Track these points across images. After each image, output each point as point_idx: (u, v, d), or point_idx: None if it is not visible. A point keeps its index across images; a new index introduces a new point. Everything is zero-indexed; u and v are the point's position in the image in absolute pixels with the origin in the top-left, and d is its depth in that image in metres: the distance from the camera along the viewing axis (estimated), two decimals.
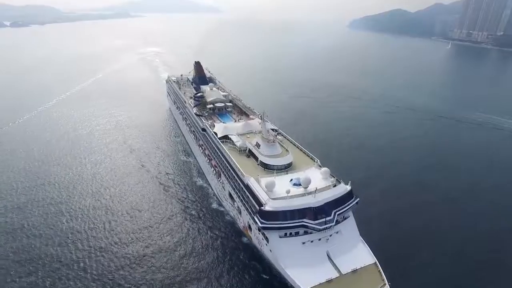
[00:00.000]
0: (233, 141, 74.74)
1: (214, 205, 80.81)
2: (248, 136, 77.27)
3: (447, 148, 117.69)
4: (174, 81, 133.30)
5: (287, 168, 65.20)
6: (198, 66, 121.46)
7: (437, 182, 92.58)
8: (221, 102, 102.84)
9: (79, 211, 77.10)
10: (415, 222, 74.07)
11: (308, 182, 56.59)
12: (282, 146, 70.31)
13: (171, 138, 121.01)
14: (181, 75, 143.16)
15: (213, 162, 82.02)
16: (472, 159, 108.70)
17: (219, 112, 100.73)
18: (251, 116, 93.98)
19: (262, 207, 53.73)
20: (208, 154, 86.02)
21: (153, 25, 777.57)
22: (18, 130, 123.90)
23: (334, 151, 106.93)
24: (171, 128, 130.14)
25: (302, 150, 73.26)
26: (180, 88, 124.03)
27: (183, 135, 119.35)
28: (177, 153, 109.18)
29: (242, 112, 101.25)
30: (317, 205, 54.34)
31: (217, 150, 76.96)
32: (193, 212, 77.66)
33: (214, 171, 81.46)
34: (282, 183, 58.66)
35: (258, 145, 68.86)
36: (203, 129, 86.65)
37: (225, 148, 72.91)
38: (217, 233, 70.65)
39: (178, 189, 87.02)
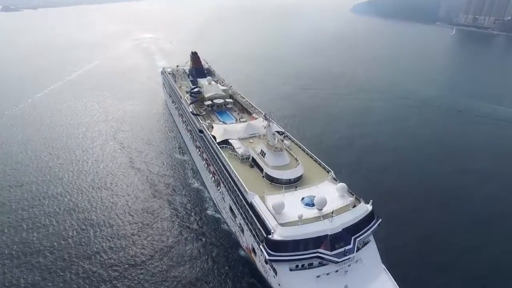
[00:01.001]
0: (234, 147, 65.85)
1: (210, 211, 73.95)
2: (251, 141, 68.29)
3: (477, 150, 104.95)
4: (169, 73, 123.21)
5: (296, 181, 56.54)
6: (195, 57, 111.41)
7: (470, 193, 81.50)
8: (220, 98, 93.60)
9: (54, 216, 70.43)
10: (443, 241, 65.64)
11: (323, 203, 48.08)
12: (290, 154, 61.61)
13: (165, 134, 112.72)
14: (177, 66, 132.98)
15: (212, 169, 73.44)
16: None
17: (218, 110, 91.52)
18: (253, 115, 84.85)
19: (270, 236, 45.34)
20: (206, 159, 77.39)
21: (152, 9, 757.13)
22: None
23: (343, 153, 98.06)
24: (166, 123, 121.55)
25: (312, 158, 64.45)
26: (175, 81, 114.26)
27: (178, 130, 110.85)
28: (172, 150, 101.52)
29: (244, 109, 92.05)
30: (335, 232, 46.00)
31: (216, 157, 68.25)
32: (186, 219, 71.00)
33: (213, 178, 73.04)
34: (292, 203, 50.17)
35: (263, 154, 60.10)
36: (200, 131, 77.68)
37: (225, 156, 64.07)
38: (212, 243, 64.22)
39: (170, 193, 79.79)
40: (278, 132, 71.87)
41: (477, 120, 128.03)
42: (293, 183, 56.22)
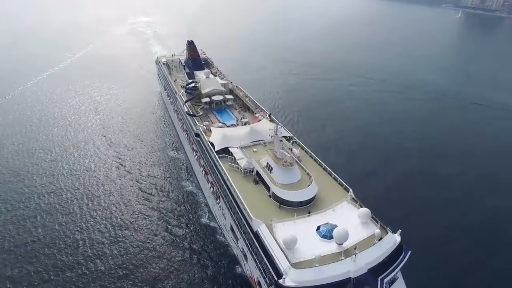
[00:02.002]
0: (235, 158, 57.08)
1: (204, 219, 67.25)
2: (255, 150, 59.46)
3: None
4: (163, 63, 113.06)
5: (309, 203, 48.20)
6: (191, 46, 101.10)
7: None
8: (219, 94, 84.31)
9: (22, 224, 63.36)
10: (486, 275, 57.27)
11: (344, 237, 39.84)
12: (301, 167, 53.09)
13: (159, 129, 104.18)
14: (173, 55, 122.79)
15: (210, 178, 65.01)
16: None
17: (217, 108, 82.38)
18: (256, 115, 75.72)
19: (281, 281, 37.17)
20: (203, 165, 68.86)
21: None
22: None
23: (356, 160, 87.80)
24: (160, 116, 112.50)
25: (326, 171, 55.94)
26: (170, 73, 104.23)
27: (174, 125, 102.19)
28: (165, 147, 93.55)
29: (245, 107, 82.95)
30: (359, 274, 37.93)
31: (215, 169, 59.67)
32: (177, 229, 64.35)
33: (212, 189, 64.76)
34: (306, 234, 42.01)
35: (269, 168, 51.53)
36: (197, 135, 68.76)
37: (225, 168, 55.42)
38: (206, 259, 57.76)
39: (161, 198, 72.46)
40: (285, 137, 63.21)
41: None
42: (306, 205, 47.87)
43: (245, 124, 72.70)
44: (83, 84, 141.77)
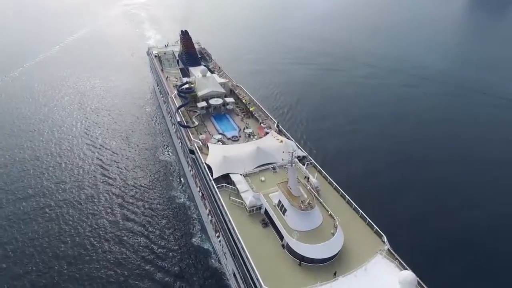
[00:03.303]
0: (238, 190, 45.94)
1: (196, 240, 58.47)
2: (263, 178, 48.28)
3: None
4: (155, 56, 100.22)
5: (333, 257, 37.53)
6: (185, 38, 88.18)
7: None
8: (218, 96, 72.43)
9: None
10: None
11: None
12: (322, 205, 42.12)
13: (150, 126, 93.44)
14: (166, 45, 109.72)
15: (208, 205, 54.28)
16: None
17: (216, 113, 70.60)
18: (262, 124, 64.03)
19: None
20: (200, 186, 58.08)
21: None
22: None
23: (380, 182, 73.01)
24: (151, 112, 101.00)
25: (350, 205, 45.07)
26: (163, 69, 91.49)
27: (166, 124, 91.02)
28: (156, 149, 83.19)
29: (248, 113, 71.11)
30: None
31: (213, 201, 48.77)
32: (164, 252, 55.85)
33: (210, 218, 54.12)
34: None
35: (281, 208, 40.68)
36: (191, 151, 57.43)
37: (225, 204, 44.43)
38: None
39: (147, 212, 63.37)
40: (298, 158, 51.93)
41: None
42: (330, 261, 37.21)
43: (249, 135, 61.48)
44: (68, 73, 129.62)
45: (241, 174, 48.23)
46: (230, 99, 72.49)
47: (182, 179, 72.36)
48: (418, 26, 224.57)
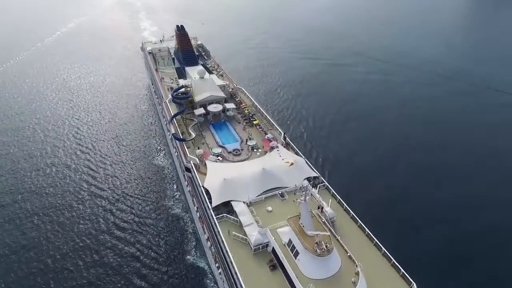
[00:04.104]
0: (241, 224, 39.52)
1: (191, 258, 53.36)
2: (270, 209, 41.77)
3: None
4: (149, 53, 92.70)
5: None
6: (181, 34, 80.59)
7: None
8: (217, 100, 65.43)
9: None
10: None
11: None
12: (340, 244, 35.83)
13: (144, 128, 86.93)
14: (161, 40, 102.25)
15: (207, 233, 48.06)
16: None
17: (215, 121, 63.78)
18: (268, 136, 57.23)
19: None
20: (198, 208, 51.84)
21: None
22: None
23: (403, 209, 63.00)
24: (146, 113, 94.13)
25: (371, 239, 38.74)
26: (157, 69, 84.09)
27: (161, 127, 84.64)
28: (149, 152, 77.44)
29: (251, 120, 64.25)
30: None
31: (213, 233, 42.46)
32: (153, 271, 51.01)
33: (210, 245, 47.98)
34: None
35: (293, 249, 34.49)
36: (187, 169, 50.88)
37: (226, 241, 38.09)
38: None
39: (136, 232, 57.36)
40: (308, 179, 45.48)
41: None
42: None
43: (253, 149, 54.86)
44: (58, 67, 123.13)
45: (244, 202, 41.77)
46: (230, 105, 65.57)
47: (176, 186, 66.39)
48: (425, 19, 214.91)
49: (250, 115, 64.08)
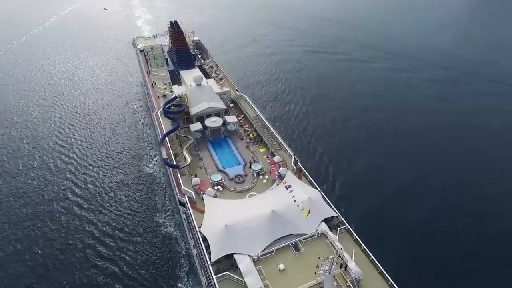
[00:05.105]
0: (246, 286, 31.95)
1: (183, 286, 45.86)
2: (282, 267, 34.18)
3: None
4: (141, 51, 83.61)
5: None
6: (176, 32, 71.13)
7: None
8: (216, 114, 57.16)
9: None
10: None
11: None
12: None
13: (136, 130, 77.52)
14: (154, 35, 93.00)
15: (205, 280, 40.46)
16: None
17: (214, 137, 55.69)
18: (275, 158, 49.25)
19: None
20: (194, 246, 44.15)
21: None
22: None
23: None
24: (137, 113, 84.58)
25: None
26: (149, 72, 75.08)
27: (154, 130, 76.09)
28: (140, 158, 68.47)
29: (256, 136, 56.16)
30: None
31: None
32: None
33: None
34: None
35: None
36: (182, 203, 43.11)
37: None
38: None
39: (123, 252, 49.73)
40: (325, 221, 37.90)
41: None
42: None
43: (258, 174, 47.04)
44: (45, 60, 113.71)
45: (250, 256, 34.16)
46: (231, 119, 57.35)
47: (169, 200, 58.29)
48: (445, 7, 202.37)
49: (254, 137, 55.84)
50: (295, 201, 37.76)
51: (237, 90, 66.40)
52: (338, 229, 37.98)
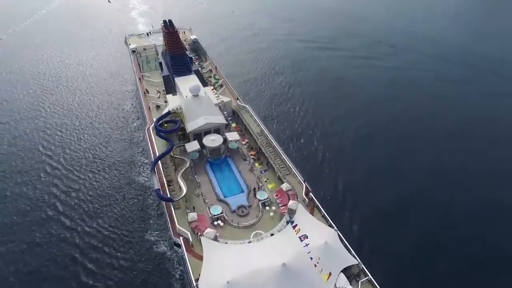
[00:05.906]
0: None
1: None
2: None
3: None
4: (133, 51, 76.69)
5: None
6: (170, 33, 63.96)
7: None
8: (216, 130, 50.99)
9: None
10: None
11: None
12: None
13: (129, 135, 70.10)
14: (148, 33, 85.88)
15: None
16: None
17: (213, 157, 49.67)
18: (284, 185, 43.16)
19: None
20: None
21: None
22: None
23: None
24: (131, 115, 76.95)
25: None
26: (142, 77, 68.33)
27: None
28: (132, 165, 61.59)
29: (261, 156, 50.21)
30: None
31: None
32: None
33: None
34: None
35: None
36: (177, 244, 37.37)
37: None
38: None
39: (110, 274, 43.84)
40: (344, 272, 32.23)
41: None
42: None
43: (264, 205, 41.22)
44: (32, 56, 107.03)
45: None
46: (234, 136, 51.11)
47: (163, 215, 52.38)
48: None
49: (258, 157, 49.83)
50: (309, 252, 31.91)
51: (238, 100, 59.97)
52: (360, 281, 32.36)
